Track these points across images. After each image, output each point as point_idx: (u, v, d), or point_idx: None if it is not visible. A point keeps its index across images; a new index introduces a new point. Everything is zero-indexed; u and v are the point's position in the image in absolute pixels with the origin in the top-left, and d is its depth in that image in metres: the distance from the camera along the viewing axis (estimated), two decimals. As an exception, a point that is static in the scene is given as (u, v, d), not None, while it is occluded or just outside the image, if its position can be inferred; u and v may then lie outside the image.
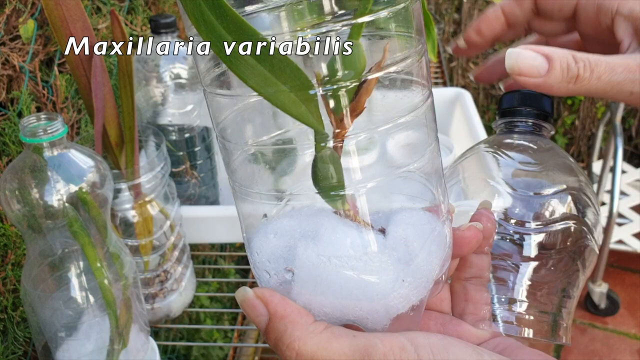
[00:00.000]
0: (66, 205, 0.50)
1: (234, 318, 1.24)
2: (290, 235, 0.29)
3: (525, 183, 0.41)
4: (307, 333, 0.27)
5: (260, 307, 0.28)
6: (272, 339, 0.28)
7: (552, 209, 0.40)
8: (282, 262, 0.29)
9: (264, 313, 0.27)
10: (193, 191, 0.85)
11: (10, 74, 0.66)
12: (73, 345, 0.56)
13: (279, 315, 0.27)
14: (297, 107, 0.26)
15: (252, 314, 0.28)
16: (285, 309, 0.27)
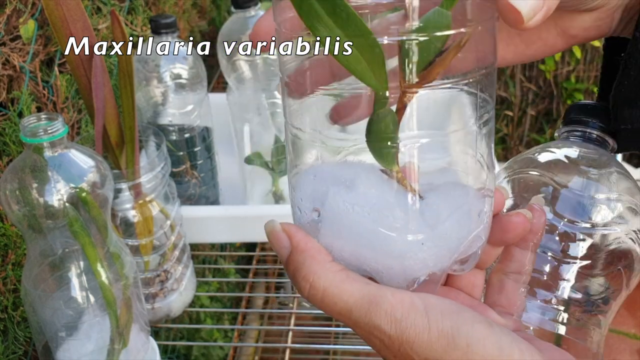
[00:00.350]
0: (66, 205, 0.50)
1: (234, 318, 1.24)
2: (327, 180, 0.30)
3: (581, 184, 0.41)
4: (324, 269, 0.28)
5: (284, 239, 0.29)
6: (290, 269, 0.29)
7: (605, 213, 0.40)
8: (313, 202, 0.30)
9: (287, 245, 0.29)
10: (193, 191, 0.85)
11: (10, 74, 0.66)
12: (73, 345, 0.56)
13: (300, 249, 0.29)
14: (358, 63, 0.26)
15: (277, 245, 0.29)
16: (307, 244, 0.29)
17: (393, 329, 0.27)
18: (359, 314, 0.27)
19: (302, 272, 0.28)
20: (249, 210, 0.86)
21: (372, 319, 0.27)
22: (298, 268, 0.29)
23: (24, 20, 0.66)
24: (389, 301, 0.27)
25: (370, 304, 0.27)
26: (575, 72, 2.23)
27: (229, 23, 0.87)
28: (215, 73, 1.28)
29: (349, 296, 0.28)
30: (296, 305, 0.91)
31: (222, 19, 1.41)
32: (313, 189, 0.30)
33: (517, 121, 2.39)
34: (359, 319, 0.27)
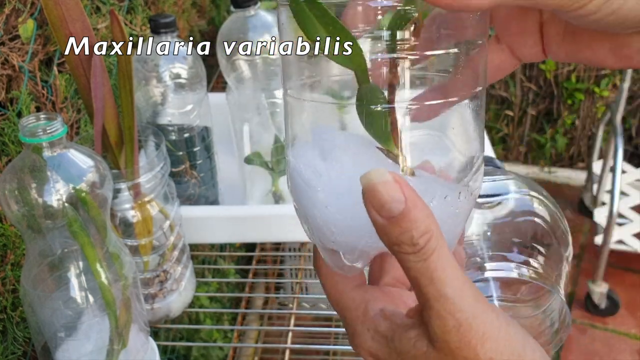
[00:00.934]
0: (66, 205, 0.50)
1: (233, 318, 1.24)
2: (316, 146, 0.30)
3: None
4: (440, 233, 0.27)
5: (399, 192, 0.26)
6: (404, 226, 0.26)
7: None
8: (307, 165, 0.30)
9: (401, 200, 0.26)
10: (193, 191, 0.85)
11: (9, 73, 0.66)
12: (73, 346, 0.56)
13: (419, 206, 0.26)
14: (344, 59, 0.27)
15: (388, 197, 0.26)
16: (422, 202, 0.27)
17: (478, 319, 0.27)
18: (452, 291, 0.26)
19: (422, 229, 0.26)
20: (249, 211, 0.86)
21: (462, 301, 0.26)
22: (417, 225, 0.26)
23: (23, 20, 0.66)
24: (476, 291, 0.27)
25: (463, 286, 0.27)
26: (576, 71, 2.23)
27: (228, 22, 0.87)
28: (215, 73, 1.28)
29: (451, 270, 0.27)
30: (296, 305, 0.91)
31: (221, 18, 1.41)
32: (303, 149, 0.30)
33: (517, 121, 2.39)
34: (449, 295, 0.26)
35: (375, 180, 0.26)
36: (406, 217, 0.26)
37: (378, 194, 0.26)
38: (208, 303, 1.15)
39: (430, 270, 0.26)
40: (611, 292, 1.82)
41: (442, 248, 0.26)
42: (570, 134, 2.36)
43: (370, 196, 0.26)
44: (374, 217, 0.26)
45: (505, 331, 0.27)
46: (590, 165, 2.12)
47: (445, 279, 0.26)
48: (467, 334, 0.26)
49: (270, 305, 1.35)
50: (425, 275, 0.26)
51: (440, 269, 0.26)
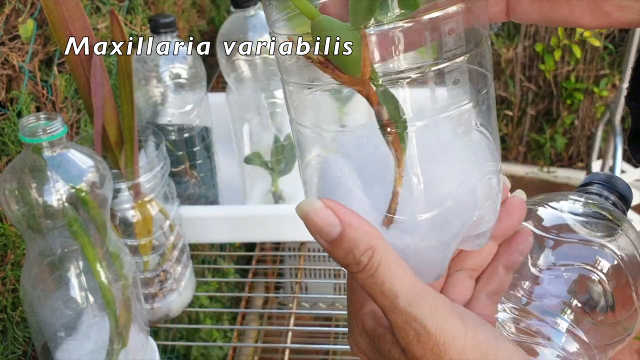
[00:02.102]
0: (66, 205, 0.50)
1: (233, 318, 1.24)
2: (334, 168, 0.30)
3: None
4: (382, 245, 0.27)
5: (331, 217, 0.27)
6: (345, 247, 0.27)
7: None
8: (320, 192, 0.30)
9: (336, 223, 0.27)
10: (192, 191, 0.85)
11: (9, 73, 0.66)
12: (72, 345, 0.56)
13: (354, 226, 0.27)
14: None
15: (322, 223, 0.27)
16: (359, 220, 0.27)
17: (435, 326, 0.27)
18: (404, 301, 0.27)
19: (362, 249, 0.27)
20: (249, 210, 0.86)
21: (416, 310, 0.27)
22: (355, 245, 0.27)
23: (23, 20, 0.66)
24: (433, 298, 0.27)
25: (417, 295, 0.27)
26: (575, 71, 2.23)
27: (228, 23, 0.87)
28: (215, 73, 1.28)
29: (399, 281, 0.27)
30: (296, 305, 0.91)
31: (221, 18, 1.41)
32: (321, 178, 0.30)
33: (516, 121, 2.39)
34: (401, 306, 0.27)
35: (306, 210, 0.27)
36: (344, 238, 0.27)
37: (313, 222, 0.27)
38: (208, 303, 1.15)
39: (379, 284, 0.27)
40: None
41: (387, 260, 0.27)
42: (569, 134, 2.36)
43: (308, 224, 0.27)
44: (319, 242, 0.28)
45: (473, 337, 0.27)
46: (589, 165, 2.12)
47: (396, 290, 0.27)
48: (429, 342, 0.27)
49: (270, 304, 1.35)
50: (376, 290, 0.27)
51: (388, 282, 0.27)
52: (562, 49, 2.18)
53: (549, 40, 2.19)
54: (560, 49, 2.18)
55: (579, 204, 0.42)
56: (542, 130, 2.38)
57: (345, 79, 0.27)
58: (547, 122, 2.36)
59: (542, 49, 2.21)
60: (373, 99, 0.27)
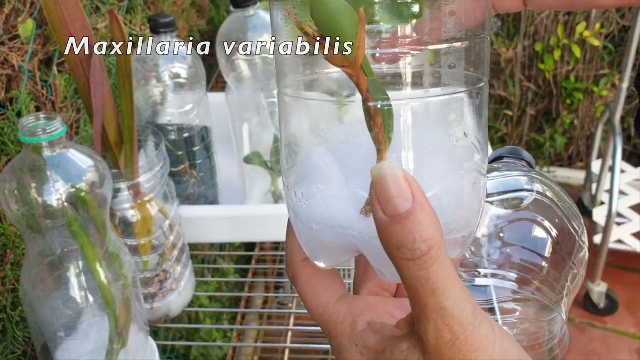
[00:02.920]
0: (65, 205, 0.50)
1: (233, 318, 1.24)
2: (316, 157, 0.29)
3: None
4: (444, 244, 0.25)
5: (407, 190, 0.24)
6: (407, 227, 0.24)
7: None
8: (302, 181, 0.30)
9: (410, 199, 0.24)
10: (192, 191, 0.85)
11: (9, 73, 0.66)
12: (72, 345, 0.56)
13: (426, 210, 0.24)
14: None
15: (396, 192, 0.24)
16: (431, 208, 0.25)
17: (474, 333, 0.26)
18: (453, 304, 0.25)
19: (425, 236, 0.24)
20: (248, 210, 0.86)
21: (461, 315, 0.26)
22: (420, 229, 0.24)
23: (22, 20, 0.66)
24: (475, 304, 0.26)
25: (464, 299, 0.26)
26: (575, 71, 2.23)
27: (228, 22, 0.87)
28: (215, 73, 1.28)
29: (452, 282, 0.25)
30: (295, 305, 0.91)
31: (221, 18, 1.41)
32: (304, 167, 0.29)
33: (516, 121, 2.39)
34: (449, 308, 0.25)
35: (385, 172, 0.25)
36: (411, 217, 0.24)
37: (386, 187, 0.24)
38: (208, 302, 1.15)
39: (432, 281, 0.25)
40: (610, 292, 1.82)
41: (445, 258, 0.25)
42: (569, 134, 2.36)
43: (378, 189, 0.25)
44: (377, 215, 0.25)
45: (500, 346, 0.27)
46: (589, 165, 2.12)
47: (446, 291, 0.25)
48: (463, 348, 0.26)
49: (270, 304, 1.35)
50: (426, 286, 0.25)
51: (442, 281, 0.25)
52: (561, 49, 2.18)
53: (548, 40, 2.19)
54: (560, 48, 2.18)
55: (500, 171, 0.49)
56: (541, 130, 2.38)
57: (337, 61, 0.26)
58: (546, 122, 2.36)
59: (541, 49, 2.21)
60: (363, 86, 0.26)
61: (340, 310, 0.31)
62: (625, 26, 2.13)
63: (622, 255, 1.94)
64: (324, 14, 0.25)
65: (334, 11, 0.25)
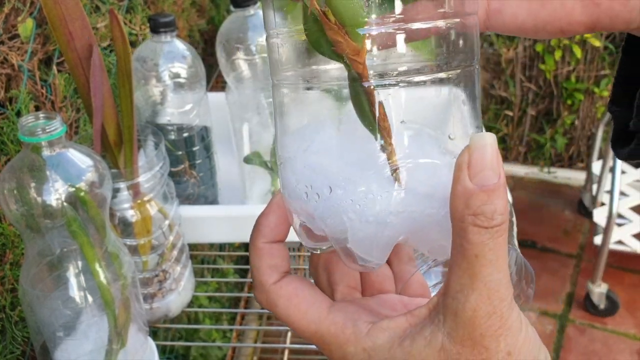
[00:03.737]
0: (65, 205, 0.50)
1: (232, 318, 1.24)
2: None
3: None
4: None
5: (499, 165, 0.25)
6: (492, 198, 0.25)
7: None
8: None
9: (499, 173, 0.25)
10: (192, 191, 0.85)
11: (8, 72, 0.66)
12: (71, 345, 0.56)
13: (504, 188, 0.25)
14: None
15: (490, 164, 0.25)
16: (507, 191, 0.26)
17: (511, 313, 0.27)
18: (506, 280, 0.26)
19: (504, 209, 0.25)
20: (248, 210, 0.86)
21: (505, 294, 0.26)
22: (503, 204, 0.25)
23: (22, 19, 0.66)
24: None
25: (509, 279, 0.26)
26: (576, 72, 2.23)
27: (228, 22, 0.86)
28: (214, 72, 1.28)
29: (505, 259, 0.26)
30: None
31: (221, 17, 1.41)
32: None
33: (517, 121, 2.39)
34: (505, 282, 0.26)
35: (487, 141, 0.25)
36: (497, 191, 0.25)
37: (484, 157, 0.25)
38: (207, 303, 1.15)
39: (493, 251, 0.25)
40: (610, 293, 1.82)
41: (507, 237, 0.26)
42: (569, 134, 2.36)
43: (475, 156, 0.25)
44: (463, 181, 0.25)
45: (526, 330, 0.27)
46: (589, 166, 2.12)
47: (502, 264, 0.26)
48: (496, 323, 0.26)
49: (270, 305, 1.35)
50: (487, 255, 0.25)
51: (501, 255, 0.26)
52: (562, 49, 2.18)
53: (549, 40, 2.19)
54: (560, 49, 2.18)
55: None
56: (542, 130, 2.38)
57: (350, 48, 0.26)
58: (547, 122, 2.36)
59: (542, 49, 2.21)
60: (365, 76, 0.26)
61: (336, 319, 0.29)
62: (626, 27, 2.13)
63: (622, 256, 1.94)
64: (342, 4, 0.26)
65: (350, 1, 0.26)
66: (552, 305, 1.87)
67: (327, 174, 0.28)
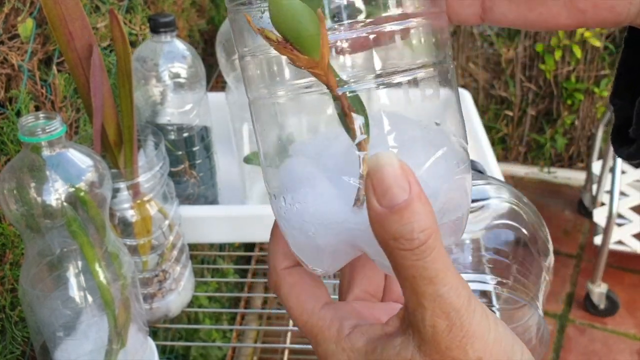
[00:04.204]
0: (65, 205, 0.50)
1: (232, 318, 1.24)
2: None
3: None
4: (438, 229, 0.25)
5: (404, 180, 0.24)
6: (404, 217, 0.24)
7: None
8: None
9: (407, 188, 0.24)
10: (192, 191, 0.85)
11: (8, 72, 0.66)
12: (71, 345, 0.56)
13: (423, 200, 0.24)
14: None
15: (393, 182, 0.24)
16: (426, 198, 0.25)
17: (469, 318, 0.26)
18: (450, 291, 0.25)
19: (423, 225, 0.24)
20: (248, 210, 0.86)
21: (457, 301, 0.25)
22: (418, 219, 0.24)
23: (22, 19, 0.66)
24: (469, 290, 0.26)
25: (460, 286, 0.26)
26: (576, 72, 2.23)
27: (228, 22, 0.86)
28: (214, 72, 1.28)
29: (447, 270, 0.25)
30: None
31: (221, 18, 1.41)
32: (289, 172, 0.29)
33: (517, 121, 2.39)
34: (446, 295, 0.25)
35: (383, 161, 0.24)
36: (409, 207, 0.24)
37: (383, 176, 0.24)
38: (207, 303, 1.15)
39: (429, 269, 0.25)
40: (610, 293, 1.82)
41: (440, 247, 0.25)
42: (569, 134, 2.36)
43: (375, 179, 0.24)
44: (373, 206, 0.25)
45: (495, 331, 0.27)
46: (589, 166, 2.12)
47: (443, 278, 0.25)
48: (459, 334, 0.26)
49: (270, 305, 1.35)
50: (424, 274, 0.25)
51: (439, 269, 0.25)
52: (562, 49, 2.18)
53: (549, 40, 2.19)
54: (560, 49, 2.18)
55: None
56: (542, 130, 2.38)
57: (304, 62, 0.25)
58: (547, 123, 2.36)
59: (542, 49, 2.21)
60: (332, 85, 0.26)
61: (326, 315, 0.31)
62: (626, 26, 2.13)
63: (622, 256, 1.94)
64: (284, 19, 0.25)
65: (294, 14, 0.25)
66: (552, 305, 1.87)
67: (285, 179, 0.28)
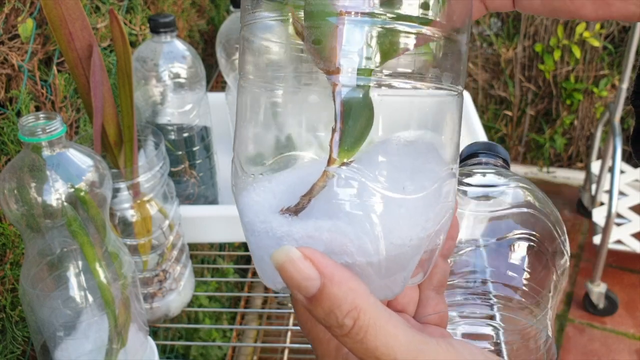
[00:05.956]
0: (65, 205, 0.50)
1: (232, 318, 1.24)
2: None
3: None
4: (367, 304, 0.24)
5: (309, 269, 0.24)
6: (325, 307, 0.24)
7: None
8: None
9: (316, 277, 0.24)
10: (192, 190, 0.85)
11: (9, 73, 0.66)
12: (72, 345, 0.56)
13: (336, 281, 0.24)
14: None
15: (299, 276, 0.24)
16: (342, 274, 0.24)
17: None
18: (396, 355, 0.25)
19: (345, 309, 0.24)
20: (248, 210, 0.86)
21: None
22: (338, 305, 0.24)
23: (22, 19, 0.66)
24: (435, 348, 0.25)
25: (417, 350, 0.25)
26: (575, 72, 2.23)
27: (228, 22, 0.87)
28: (214, 72, 1.28)
29: (395, 340, 0.25)
30: (295, 305, 0.91)
31: (221, 18, 1.41)
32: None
33: (516, 121, 2.39)
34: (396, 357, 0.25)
35: (282, 259, 0.24)
36: (324, 295, 0.24)
37: (289, 274, 0.24)
38: (207, 302, 1.15)
39: (372, 349, 0.24)
40: (610, 292, 1.82)
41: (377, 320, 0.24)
42: (569, 134, 2.36)
43: (284, 277, 0.24)
44: (298, 298, 0.24)
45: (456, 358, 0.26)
46: (588, 166, 2.12)
47: (394, 352, 0.24)
48: None
49: (269, 304, 1.35)
50: (368, 355, 0.25)
51: (382, 346, 0.24)
52: (561, 49, 2.18)
53: (548, 41, 2.19)
54: (559, 49, 2.18)
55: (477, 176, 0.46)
56: (541, 130, 2.38)
57: (329, 67, 0.25)
58: (546, 123, 2.36)
59: (541, 49, 2.21)
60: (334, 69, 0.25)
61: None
62: (625, 27, 2.13)
63: (621, 256, 1.94)
64: (318, 25, 0.25)
65: (326, 22, 0.25)
66: (552, 305, 1.87)
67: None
